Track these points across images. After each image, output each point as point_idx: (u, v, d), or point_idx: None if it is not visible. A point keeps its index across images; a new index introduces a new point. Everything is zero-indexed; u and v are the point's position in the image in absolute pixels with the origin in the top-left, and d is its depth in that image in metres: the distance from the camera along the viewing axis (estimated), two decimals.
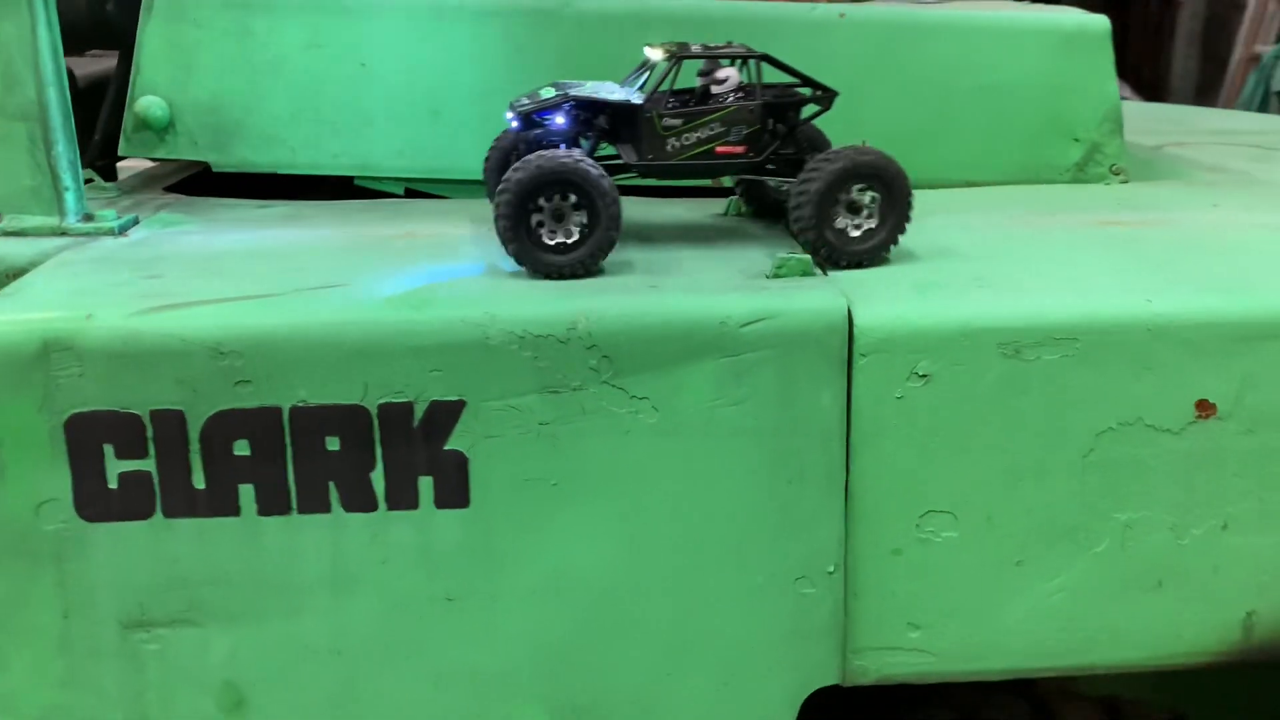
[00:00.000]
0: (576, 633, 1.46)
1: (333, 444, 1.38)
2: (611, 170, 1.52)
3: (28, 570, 1.39)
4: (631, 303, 1.39)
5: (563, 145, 1.57)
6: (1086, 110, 2.09)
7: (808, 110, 1.68)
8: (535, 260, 1.48)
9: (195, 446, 1.37)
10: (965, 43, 2.06)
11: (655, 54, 1.63)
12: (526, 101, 1.61)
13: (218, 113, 1.98)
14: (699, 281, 1.46)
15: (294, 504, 1.40)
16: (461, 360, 1.37)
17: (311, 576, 1.42)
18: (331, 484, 1.40)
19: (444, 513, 1.41)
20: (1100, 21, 2.12)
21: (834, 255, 1.54)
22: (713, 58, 1.62)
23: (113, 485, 1.38)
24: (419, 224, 1.77)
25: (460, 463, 1.40)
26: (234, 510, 1.40)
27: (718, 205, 1.91)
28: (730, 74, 1.62)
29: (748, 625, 1.47)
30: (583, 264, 1.49)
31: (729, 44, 1.67)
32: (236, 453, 1.38)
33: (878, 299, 1.43)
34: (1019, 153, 2.10)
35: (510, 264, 1.50)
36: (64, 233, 1.71)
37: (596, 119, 1.61)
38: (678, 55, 1.60)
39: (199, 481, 1.39)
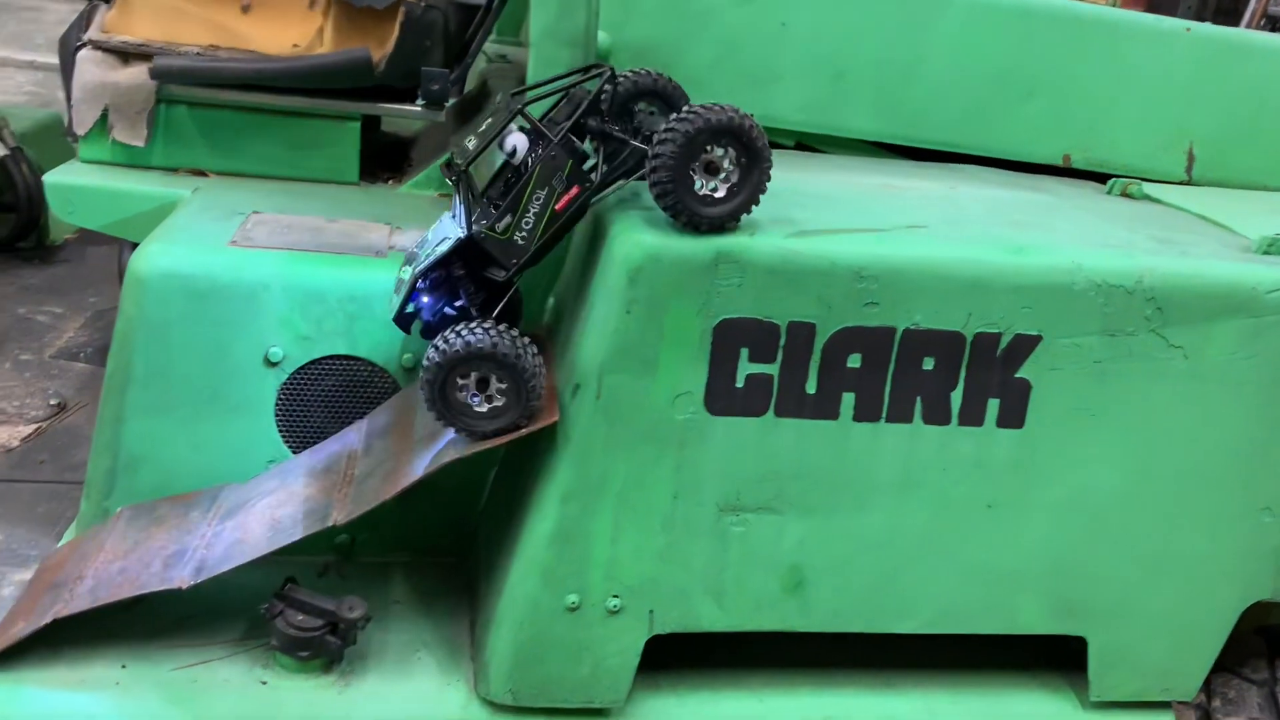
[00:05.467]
0: (1080, 541, 1.71)
1: (928, 364, 1.59)
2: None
3: (654, 454, 1.56)
4: (1187, 264, 1.64)
5: (441, 308, 1.60)
6: None
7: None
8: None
9: (816, 356, 1.56)
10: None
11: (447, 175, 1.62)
12: (396, 301, 1.60)
13: (648, 54, 2.12)
14: (1219, 251, 1.71)
15: (884, 413, 1.60)
16: (1048, 300, 1.59)
17: (882, 478, 1.63)
18: (918, 398, 1.61)
19: (1002, 431, 1.64)
20: None
21: (694, 219, 1.50)
22: (484, 148, 1.55)
23: (739, 384, 1.56)
24: (884, 178, 1.98)
25: (1025, 389, 1.63)
26: (834, 414, 1.59)
27: None
28: (515, 140, 1.54)
29: (1215, 544, 1.74)
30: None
31: (487, 118, 1.61)
32: (849, 364, 1.57)
33: None
34: None
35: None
36: None
37: (453, 272, 1.58)
38: (456, 172, 1.58)
39: (811, 387, 1.58)
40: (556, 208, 1.54)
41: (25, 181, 3.30)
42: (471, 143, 1.58)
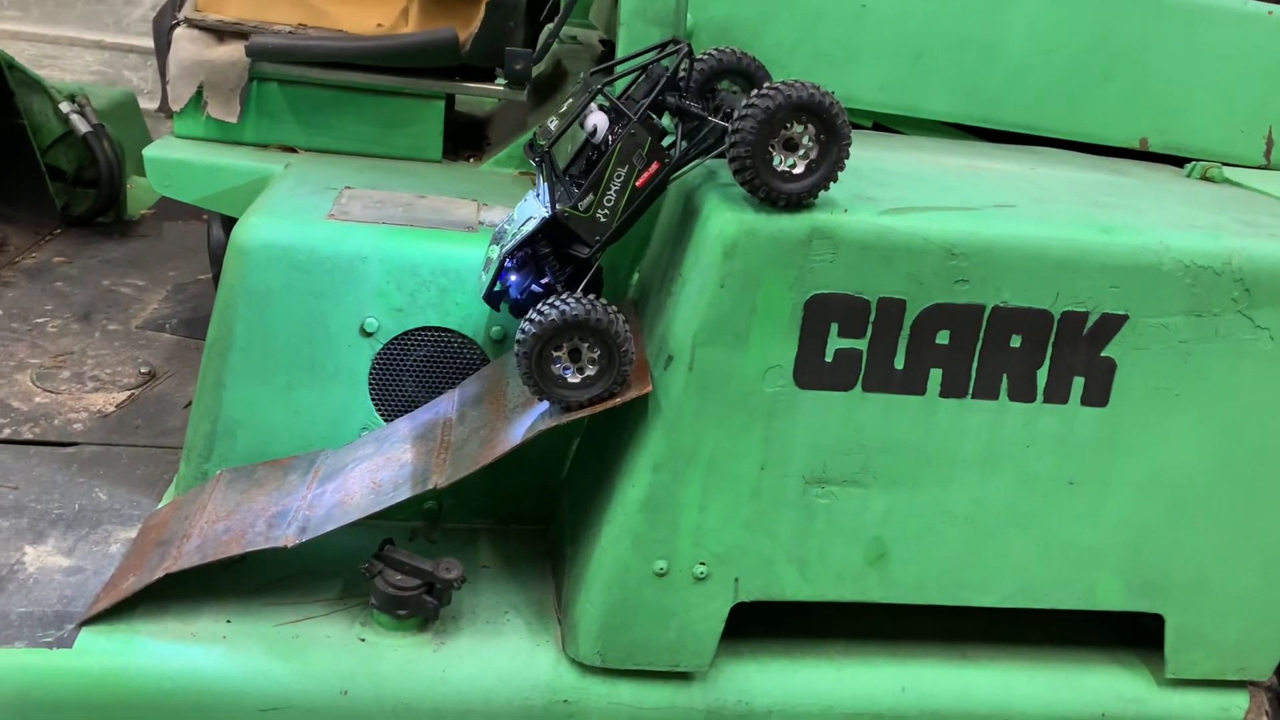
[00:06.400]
0: (1161, 520, 1.73)
1: (1015, 341, 1.62)
2: None
3: (744, 425, 1.60)
4: (1276, 246, 1.65)
5: (529, 286, 1.67)
6: None
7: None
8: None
9: (905, 332, 1.59)
10: None
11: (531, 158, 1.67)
12: (485, 279, 1.68)
13: (729, 34, 2.15)
14: None
15: (971, 389, 1.63)
16: (1135, 280, 1.61)
17: (967, 453, 1.66)
18: (1004, 375, 1.63)
19: (1085, 409, 1.66)
20: None
21: (771, 195, 1.53)
22: (565, 128, 1.60)
23: (828, 359, 1.59)
24: (965, 158, 2.00)
25: (1110, 368, 1.65)
26: (920, 390, 1.62)
27: None
28: (596, 119, 1.57)
29: None
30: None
31: (568, 98, 1.66)
32: (937, 341, 1.60)
33: None
34: None
35: None
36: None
37: (538, 250, 1.64)
38: (539, 153, 1.62)
39: (899, 363, 1.61)
40: (637, 184, 1.58)
41: (107, 158, 3.38)
42: (553, 123, 1.62)
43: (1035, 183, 1.87)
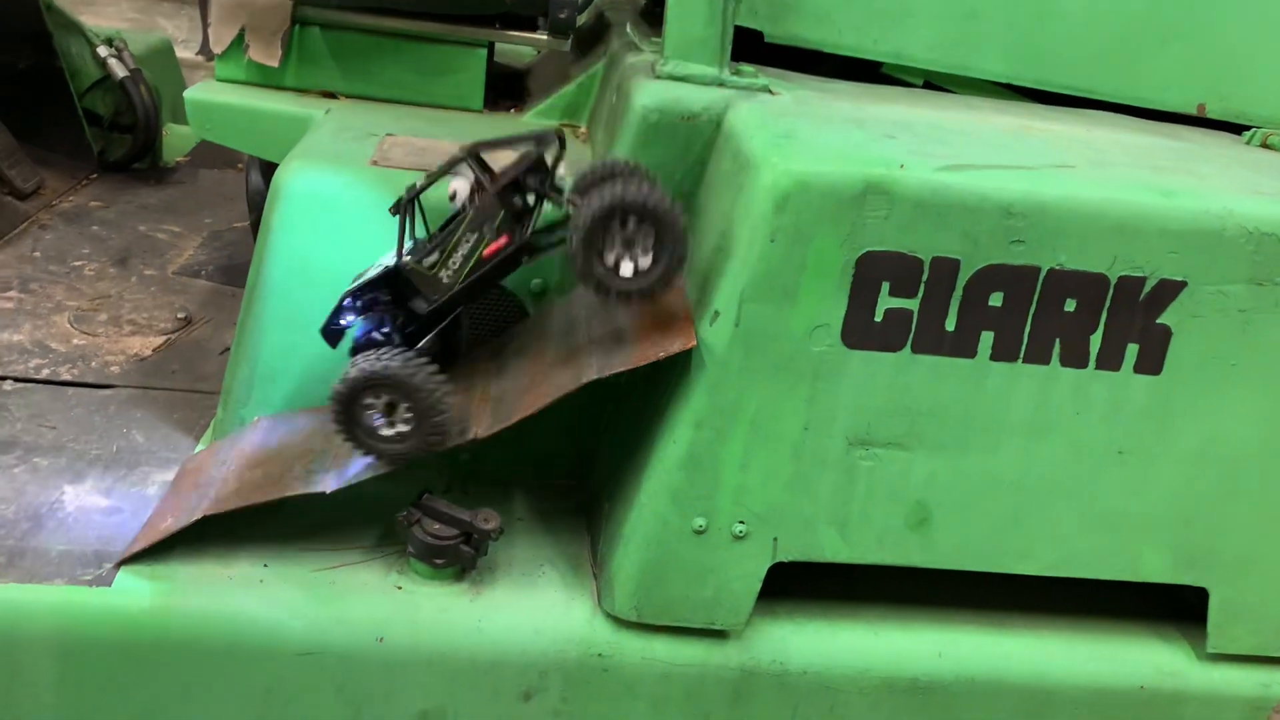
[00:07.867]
0: (1210, 492, 1.70)
1: (1069, 305, 1.58)
2: None
3: (789, 384, 1.58)
4: None
5: (368, 332, 1.69)
6: None
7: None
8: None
9: (958, 293, 1.56)
10: None
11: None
12: (327, 321, 1.70)
13: None
14: None
15: (1022, 353, 1.60)
16: (1196, 246, 1.57)
17: (1015, 419, 1.63)
18: (1057, 340, 1.60)
19: (1138, 377, 1.63)
20: None
21: (609, 293, 1.53)
22: (427, 184, 1.62)
23: (878, 319, 1.56)
24: (1020, 119, 1.95)
25: (1165, 335, 1.61)
26: (971, 353, 1.59)
27: None
28: (458, 184, 1.59)
29: None
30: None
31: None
32: (990, 303, 1.57)
33: None
34: None
35: None
36: (721, 84, 1.85)
37: (380, 297, 1.66)
38: (401, 204, 1.64)
39: (950, 324, 1.58)
40: (485, 253, 1.60)
41: (144, 103, 3.37)
42: (421, 180, 1.65)
43: (1092, 145, 1.83)
